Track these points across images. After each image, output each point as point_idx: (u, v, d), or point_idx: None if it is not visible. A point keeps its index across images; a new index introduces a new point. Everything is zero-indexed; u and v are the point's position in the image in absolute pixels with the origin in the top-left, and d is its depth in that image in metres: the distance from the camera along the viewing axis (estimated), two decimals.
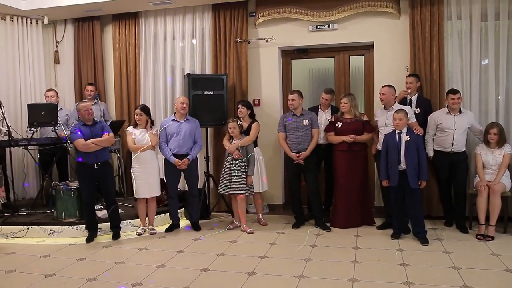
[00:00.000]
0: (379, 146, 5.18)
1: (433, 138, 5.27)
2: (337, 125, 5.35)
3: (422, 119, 5.28)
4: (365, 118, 5.45)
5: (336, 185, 5.45)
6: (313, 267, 4.10)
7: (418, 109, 5.39)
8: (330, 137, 5.42)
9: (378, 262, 4.20)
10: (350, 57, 6.32)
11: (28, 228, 5.32)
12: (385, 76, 5.78)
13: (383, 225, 5.32)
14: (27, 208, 5.94)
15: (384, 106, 5.27)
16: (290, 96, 5.44)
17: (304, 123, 5.37)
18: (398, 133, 4.82)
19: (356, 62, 6.36)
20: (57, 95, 6.57)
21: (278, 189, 6.46)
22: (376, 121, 5.34)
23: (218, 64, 6.42)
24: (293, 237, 5.14)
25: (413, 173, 4.69)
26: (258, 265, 4.17)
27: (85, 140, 4.97)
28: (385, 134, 5.02)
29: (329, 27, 6.07)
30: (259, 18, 6.27)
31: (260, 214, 5.81)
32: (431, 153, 5.27)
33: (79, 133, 5.00)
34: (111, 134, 5.19)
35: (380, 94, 5.24)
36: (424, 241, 4.70)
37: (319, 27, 6.11)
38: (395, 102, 5.26)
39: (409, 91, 5.39)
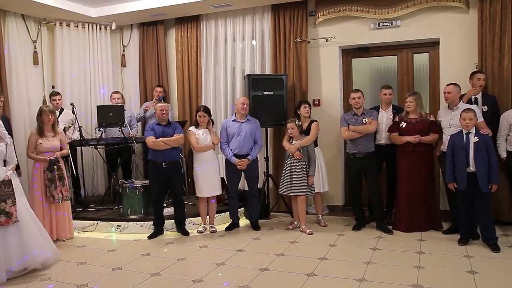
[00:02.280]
0: (444, 148, 4.95)
1: (506, 139, 4.96)
2: (401, 125, 5.17)
3: (489, 117, 4.99)
4: (431, 118, 5.23)
5: (399, 187, 5.28)
6: (374, 270, 4.00)
7: (486, 106, 5.11)
8: (394, 138, 5.25)
9: (444, 268, 4.02)
10: (414, 54, 6.11)
11: (97, 223, 5.62)
12: (451, 74, 5.53)
13: (449, 229, 5.09)
14: (96, 204, 6.26)
15: (448, 106, 5.04)
16: (355, 95, 5.33)
17: (364, 122, 5.26)
18: (465, 133, 4.58)
19: (420, 59, 6.13)
20: (123, 97, 6.87)
21: (338, 190, 6.36)
22: (440, 121, 5.11)
23: (278, 64, 6.43)
24: (354, 239, 5.04)
25: (483, 176, 4.43)
26: (317, 267, 4.12)
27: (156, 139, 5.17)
28: (450, 135, 4.79)
29: (391, 24, 5.90)
30: (319, 17, 6.21)
31: (320, 215, 5.75)
32: (504, 155, 4.97)
33: (152, 131, 5.20)
34: (181, 135, 5.34)
35: (445, 92, 5.02)
36: (495, 248, 4.43)
37: (381, 24, 5.96)
38: (460, 101, 5.02)
39: (478, 90, 5.11)
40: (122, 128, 6.16)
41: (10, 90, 6.34)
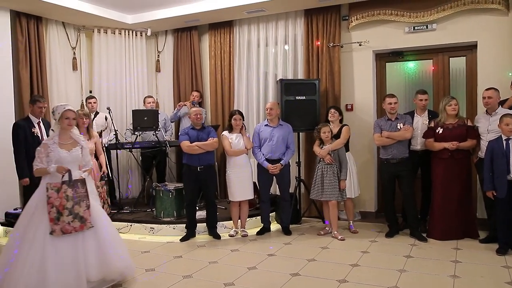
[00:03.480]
0: (482, 154, 4.81)
1: None
2: (437, 131, 5.05)
3: None
4: (469, 123, 5.09)
5: (434, 193, 5.15)
6: (408, 279, 3.91)
7: None
8: (430, 144, 5.13)
9: (481, 278, 3.89)
10: (450, 58, 5.97)
11: (131, 225, 5.74)
12: (489, 78, 5.37)
13: (486, 238, 4.92)
14: (130, 206, 6.39)
15: (487, 111, 4.90)
16: (391, 100, 5.23)
17: (399, 127, 5.16)
18: (505, 140, 4.44)
19: (457, 64, 5.99)
20: (156, 102, 6.99)
21: (371, 195, 6.27)
22: (477, 127, 4.97)
23: (311, 69, 6.41)
24: (387, 246, 4.95)
25: None
26: (349, 273, 4.07)
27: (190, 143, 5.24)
28: (489, 141, 4.65)
29: (427, 27, 5.80)
30: (352, 22, 6.17)
31: (351, 221, 5.68)
32: None
33: (186, 135, 5.29)
34: (216, 139, 5.40)
35: (485, 97, 4.87)
36: None
37: (416, 28, 5.86)
38: (499, 106, 4.86)
39: None
40: (156, 132, 6.28)
41: (51, 95, 6.59)
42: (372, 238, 5.27)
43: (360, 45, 6.15)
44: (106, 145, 6.18)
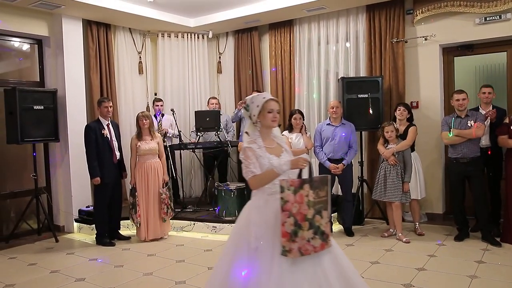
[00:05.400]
0: None
1: None
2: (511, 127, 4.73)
3: None
4: None
5: (508, 195, 4.82)
6: (479, 286, 3.68)
7: None
8: (504, 141, 4.79)
9: None
10: None
11: (194, 224, 5.88)
12: None
13: None
14: (193, 205, 6.54)
15: None
16: (459, 96, 4.93)
17: (470, 125, 4.87)
18: None
19: None
20: (219, 103, 7.12)
21: (438, 197, 5.99)
22: None
23: (373, 66, 6.24)
24: (456, 250, 4.69)
25: None
26: (415, 277, 3.91)
27: None
28: None
29: (500, 18, 5.43)
30: (417, 15, 5.92)
31: (417, 223, 5.45)
32: None
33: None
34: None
35: None
36: None
37: (487, 19, 5.51)
38: None
39: None
40: (218, 132, 6.39)
41: (119, 98, 6.91)
42: (440, 241, 5.02)
43: (425, 39, 5.89)
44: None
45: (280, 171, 2.56)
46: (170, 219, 5.77)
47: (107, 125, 5.46)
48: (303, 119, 5.51)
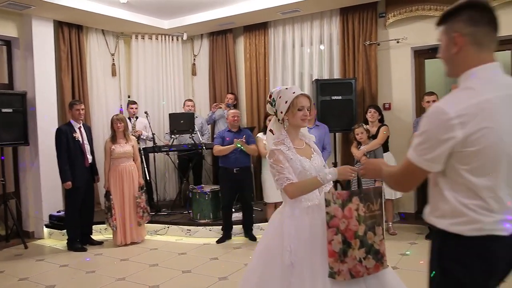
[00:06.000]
0: None
1: None
2: None
3: None
4: None
5: None
6: None
7: None
8: None
9: None
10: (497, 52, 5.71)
11: (168, 227, 5.81)
12: None
13: None
14: (167, 208, 6.48)
15: None
16: (430, 98, 5.07)
17: None
18: None
19: (502, 58, 5.72)
20: (194, 105, 7.08)
21: (410, 196, 6.08)
22: None
23: (347, 68, 6.31)
24: (427, 248, 4.72)
25: None
26: None
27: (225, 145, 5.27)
28: None
29: None
30: (389, 19, 6.01)
31: (391, 223, 5.52)
32: None
33: (220, 139, 5.34)
34: (255, 148, 5.38)
35: None
36: None
37: None
38: None
39: None
40: (193, 134, 6.34)
41: (91, 101, 6.80)
42: (412, 240, 5.10)
43: (397, 42, 5.98)
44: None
45: (324, 181, 2.26)
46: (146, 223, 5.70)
47: (79, 128, 5.36)
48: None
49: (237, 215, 5.68)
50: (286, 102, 2.38)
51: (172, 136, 6.44)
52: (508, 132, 1.44)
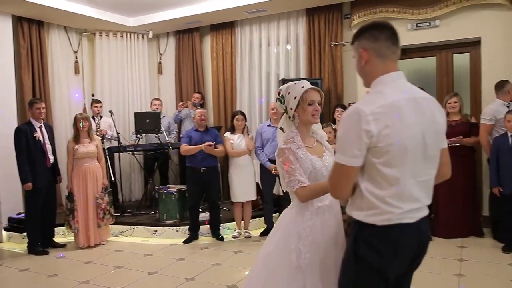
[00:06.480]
0: None
1: None
2: None
3: None
4: (473, 120, 5.02)
5: (437, 192, 5.06)
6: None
7: None
8: None
9: (487, 277, 3.83)
10: (454, 55, 5.91)
11: (134, 228, 5.72)
12: (494, 74, 5.29)
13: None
14: (133, 209, 6.37)
15: None
16: None
17: None
18: (511, 136, 4.38)
19: (460, 60, 5.92)
20: (161, 104, 6.99)
21: None
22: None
23: (313, 68, 6.38)
24: None
25: None
26: None
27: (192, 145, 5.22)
28: (494, 138, 4.60)
29: (429, 24, 5.73)
30: (354, 20, 6.12)
31: None
32: None
33: (187, 138, 5.28)
34: (223, 149, 5.35)
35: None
36: None
37: (418, 25, 5.79)
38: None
39: None
40: (159, 134, 6.26)
41: (53, 99, 6.61)
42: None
43: None
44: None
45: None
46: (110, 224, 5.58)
47: (40, 128, 5.19)
48: (245, 121, 5.53)
49: (204, 215, 5.65)
50: (295, 97, 2.26)
51: (138, 135, 6.34)
52: (411, 128, 1.66)
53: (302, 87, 2.26)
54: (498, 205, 4.66)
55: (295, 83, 2.32)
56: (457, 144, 4.82)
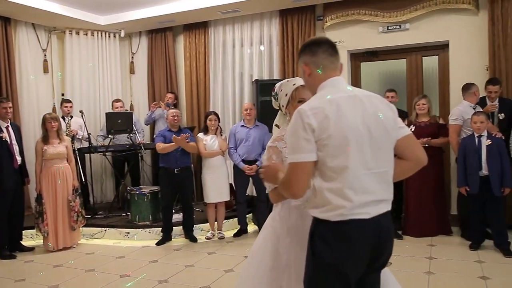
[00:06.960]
0: None
1: None
2: (410, 128, 5.09)
3: (506, 125, 4.88)
4: (441, 121, 5.15)
5: (408, 192, 5.20)
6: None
7: (503, 114, 4.96)
8: None
9: (455, 274, 3.94)
10: (423, 58, 6.04)
11: (105, 230, 5.62)
12: (461, 76, 5.44)
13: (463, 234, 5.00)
14: (104, 211, 6.26)
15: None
16: (390, 94, 5.40)
17: None
18: (477, 137, 4.51)
19: (430, 63, 6.06)
20: (123, 105, 6.87)
21: None
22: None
23: (286, 69, 6.41)
24: (408, 248, 4.93)
25: (497, 180, 4.37)
26: None
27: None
28: (461, 138, 4.73)
29: (400, 27, 5.85)
30: (327, 22, 6.18)
31: None
32: None
33: (162, 137, 5.23)
34: (195, 145, 5.31)
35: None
36: (508, 253, 4.34)
37: (389, 28, 5.91)
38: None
39: (497, 104, 4.97)
40: (131, 134, 6.17)
41: (21, 98, 6.43)
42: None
43: None
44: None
45: None
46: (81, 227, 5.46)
47: (6, 128, 5.04)
48: (219, 121, 5.52)
49: (177, 216, 5.61)
50: (286, 95, 2.25)
51: (109, 136, 6.23)
52: (351, 119, 1.73)
53: (294, 85, 2.26)
54: (466, 204, 4.79)
55: (288, 80, 2.33)
56: (426, 145, 4.93)
